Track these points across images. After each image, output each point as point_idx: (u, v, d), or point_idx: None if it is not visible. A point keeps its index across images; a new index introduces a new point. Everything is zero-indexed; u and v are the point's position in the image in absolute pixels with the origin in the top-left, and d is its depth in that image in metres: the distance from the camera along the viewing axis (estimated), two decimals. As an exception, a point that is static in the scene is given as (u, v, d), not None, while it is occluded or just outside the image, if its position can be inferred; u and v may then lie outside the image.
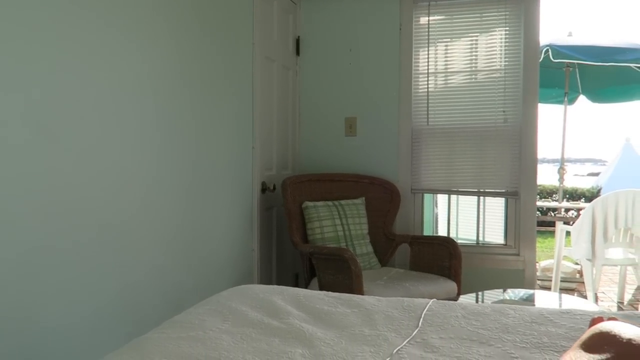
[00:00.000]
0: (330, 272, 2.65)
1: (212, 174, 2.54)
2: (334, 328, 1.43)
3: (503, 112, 3.38)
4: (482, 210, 3.83)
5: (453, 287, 2.77)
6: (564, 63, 4.79)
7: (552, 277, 4.23)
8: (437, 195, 4.01)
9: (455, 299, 2.68)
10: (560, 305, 2.72)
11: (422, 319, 1.48)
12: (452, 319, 1.48)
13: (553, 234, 5.08)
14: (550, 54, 4.29)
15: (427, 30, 3.48)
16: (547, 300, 2.87)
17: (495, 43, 3.39)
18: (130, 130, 1.92)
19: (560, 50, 4.33)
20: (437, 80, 3.51)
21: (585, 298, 3.80)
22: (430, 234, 3.76)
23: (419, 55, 3.51)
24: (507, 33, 3.36)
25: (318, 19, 3.61)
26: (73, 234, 1.65)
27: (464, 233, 4.08)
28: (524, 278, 3.35)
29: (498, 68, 3.39)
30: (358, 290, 2.45)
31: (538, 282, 4.38)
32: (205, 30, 2.45)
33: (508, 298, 2.75)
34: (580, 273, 4.54)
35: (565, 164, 5.23)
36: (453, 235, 3.97)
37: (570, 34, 4.83)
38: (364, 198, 3.26)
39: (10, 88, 1.41)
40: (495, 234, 3.72)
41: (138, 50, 1.95)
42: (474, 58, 3.44)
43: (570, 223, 4.10)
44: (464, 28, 3.46)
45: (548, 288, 4.26)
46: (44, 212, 1.53)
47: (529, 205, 3.36)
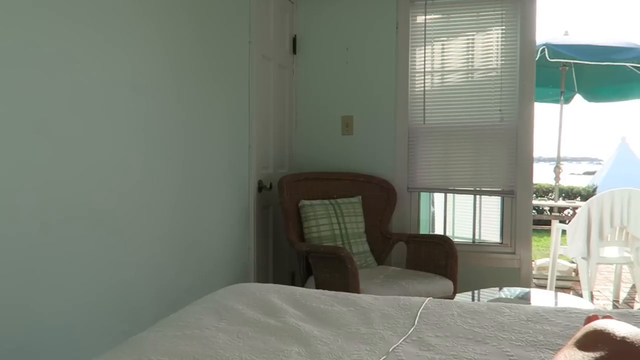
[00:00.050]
0: (327, 270, 2.65)
1: (208, 173, 2.54)
2: (331, 326, 1.43)
3: (499, 111, 3.38)
4: (478, 209, 3.84)
5: (449, 285, 2.77)
6: (560, 62, 4.79)
7: (547, 275, 4.24)
8: (433, 194, 4.02)
9: (452, 298, 2.69)
10: (556, 304, 2.73)
11: (418, 318, 1.48)
12: (448, 318, 1.48)
13: (549, 233, 5.10)
14: (547, 53, 4.29)
15: (423, 29, 3.48)
16: (542, 299, 2.88)
17: (492, 42, 3.40)
18: (126, 129, 1.91)
19: (557, 50, 4.34)
20: (433, 79, 3.51)
21: (581, 296, 3.82)
22: (427, 233, 3.77)
23: (416, 54, 3.51)
24: (503, 32, 3.37)
25: (315, 18, 3.61)
26: (68, 233, 1.64)
27: (461, 232, 4.09)
28: (520, 276, 3.36)
29: (494, 67, 3.40)
30: (354, 289, 2.45)
31: (534, 280, 4.39)
32: (202, 29, 2.45)
33: (504, 296, 2.75)
34: (576, 272, 4.56)
35: (561, 163, 5.24)
36: (449, 234, 3.98)
37: (567, 33, 4.84)
38: (361, 197, 3.26)
39: (3, 85, 1.41)
40: (492, 233, 3.73)
41: (134, 49, 1.94)
42: (471, 57, 3.45)
43: (566, 222, 4.11)
44: (461, 27, 3.46)
45: (544, 286, 4.28)
46: (40, 210, 1.53)
47: (525, 204, 3.37)
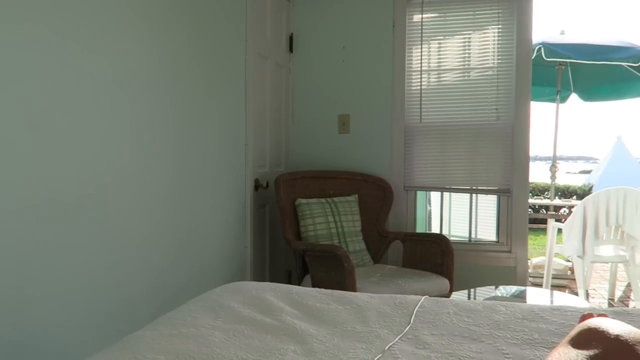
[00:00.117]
0: (323, 269, 2.65)
1: (204, 171, 2.53)
2: (327, 325, 1.43)
3: (496, 109, 3.39)
4: (474, 208, 3.85)
5: (445, 284, 2.78)
6: (557, 61, 4.80)
7: (543, 274, 4.26)
8: (430, 193, 4.03)
9: (448, 296, 2.69)
10: (551, 302, 2.74)
11: (414, 316, 1.48)
12: (443, 316, 1.49)
13: (545, 231, 5.11)
14: (543, 52, 4.31)
15: (420, 28, 3.48)
16: (538, 297, 2.89)
17: (488, 41, 3.40)
18: (121, 127, 1.91)
19: (553, 49, 4.35)
20: (430, 78, 3.52)
21: (577, 295, 3.83)
22: (423, 231, 3.78)
23: (412, 53, 3.51)
24: (499, 31, 3.37)
25: (311, 16, 3.61)
26: (65, 231, 1.64)
27: (457, 230, 4.10)
28: (516, 275, 3.37)
29: (491, 66, 3.40)
30: (351, 287, 2.45)
31: (530, 279, 4.41)
32: (198, 26, 2.44)
33: (500, 295, 2.76)
34: (572, 270, 4.58)
35: (557, 162, 5.26)
36: (446, 233, 3.99)
37: (563, 33, 4.85)
38: (357, 195, 3.26)
39: (0, 83, 1.40)
40: (488, 231, 3.74)
41: (129, 46, 1.94)
42: (467, 56, 3.45)
43: (562, 220, 4.12)
44: (457, 26, 3.47)
45: (540, 285, 4.29)
46: (36, 209, 1.53)
47: (521, 203, 3.38)
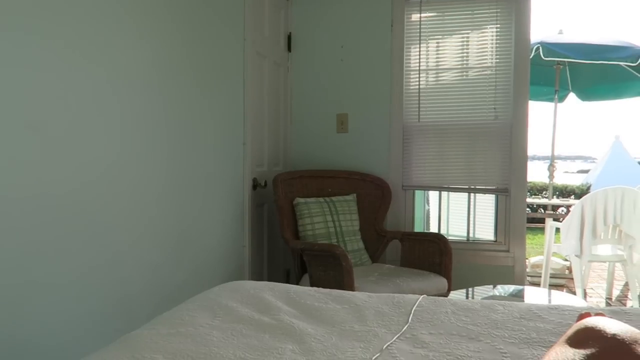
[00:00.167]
0: (321, 268, 2.65)
1: (202, 170, 2.53)
2: (325, 324, 1.43)
3: (494, 109, 3.39)
4: (472, 207, 3.85)
5: (443, 283, 2.78)
6: (555, 61, 4.81)
7: (541, 273, 4.26)
8: (428, 192, 4.03)
9: (446, 295, 2.70)
10: (549, 301, 2.75)
11: (412, 315, 1.49)
12: (441, 315, 1.49)
13: (543, 231, 5.13)
14: (541, 52, 4.31)
15: (418, 28, 3.48)
16: (536, 296, 2.89)
17: (487, 40, 3.41)
18: (119, 126, 1.91)
19: (551, 48, 4.35)
20: (428, 78, 3.52)
21: (574, 294, 3.84)
22: (421, 231, 3.78)
23: (411, 52, 3.51)
24: (498, 30, 3.38)
25: (310, 15, 3.61)
26: (61, 230, 1.64)
27: (455, 230, 4.10)
28: (514, 274, 3.37)
29: (489, 65, 3.40)
30: (349, 287, 2.45)
31: (528, 278, 4.41)
32: (196, 25, 2.44)
33: (498, 294, 2.76)
34: (570, 269, 4.58)
35: (555, 161, 5.27)
36: (444, 232, 3.99)
37: (561, 32, 4.85)
38: (355, 194, 3.26)
39: (-1, 83, 1.40)
40: (486, 231, 3.74)
41: (127, 45, 1.94)
42: (465, 55, 3.45)
43: (560, 220, 4.13)
44: (456, 25, 3.47)
45: (537, 284, 4.30)
46: (32, 208, 1.52)
47: (519, 202, 3.38)
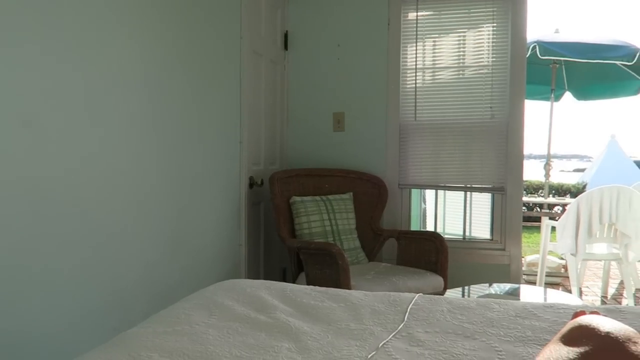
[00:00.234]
0: (318, 266, 2.65)
1: (199, 169, 2.53)
2: (321, 322, 1.43)
3: (490, 108, 3.40)
4: (468, 206, 3.86)
5: (440, 281, 2.79)
6: (551, 60, 4.82)
7: (537, 271, 4.28)
8: (424, 191, 4.04)
9: (442, 294, 2.70)
10: (545, 300, 2.76)
11: (407, 313, 1.49)
12: (437, 313, 1.49)
13: (539, 229, 5.13)
14: (538, 51, 4.32)
15: (415, 26, 3.48)
16: (532, 295, 2.90)
17: (483, 39, 3.41)
18: (115, 125, 1.90)
19: (548, 47, 4.36)
20: (424, 76, 3.52)
21: (570, 292, 3.85)
22: (418, 229, 3.78)
23: (407, 51, 3.51)
24: (494, 29, 3.38)
25: (306, 14, 3.60)
26: (58, 229, 1.63)
27: (451, 228, 4.11)
28: (510, 273, 3.38)
29: (485, 64, 3.41)
30: (345, 285, 2.46)
31: (523, 276, 4.42)
32: (192, 24, 2.43)
33: (493, 292, 2.77)
34: (565, 268, 4.60)
35: (552, 160, 5.28)
36: (440, 231, 4.00)
37: (557, 31, 4.86)
38: (352, 193, 3.26)
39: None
40: (482, 229, 3.75)
41: (122, 44, 1.93)
42: (462, 54, 3.46)
43: (556, 218, 4.14)
44: (452, 24, 3.47)
45: (533, 283, 4.31)
46: (29, 206, 1.52)
47: (515, 201, 3.39)
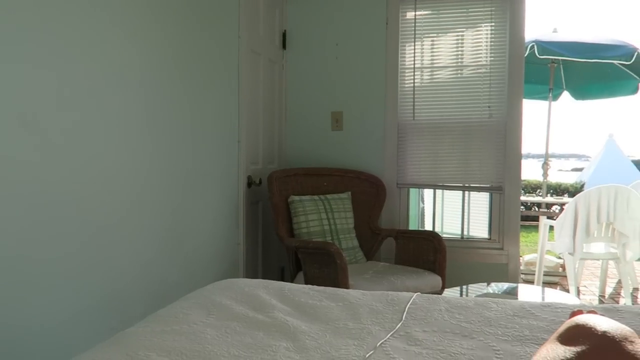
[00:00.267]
0: (316, 266, 2.65)
1: (197, 168, 2.53)
2: (319, 321, 1.43)
3: (488, 107, 3.40)
4: (466, 205, 3.86)
5: (438, 281, 2.79)
6: (549, 59, 4.82)
7: (535, 271, 4.28)
8: (423, 190, 4.04)
9: (440, 293, 2.71)
10: (543, 299, 2.76)
11: (405, 313, 1.49)
12: (435, 313, 1.49)
13: (537, 229, 5.15)
14: (536, 50, 4.32)
15: (413, 25, 3.48)
16: (529, 294, 2.91)
17: (481, 38, 3.41)
18: (114, 125, 1.90)
19: (546, 47, 4.36)
20: (423, 76, 3.52)
21: (568, 292, 3.86)
22: (416, 229, 3.79)
23: (405, 50, 3.51)
24: (492, 29, 3.38)
25: (305, 13, 3.60)
26: (57, 229, 1.63)
27: (449, 227, 4.12)
28: (508, 272, 3.39)
29: (484, 63, 3.41)
30: (343, 284, 2.46)
31: (521, 276, 4.43)
32: (191, 23, 2.43)
33: (491, 292, 2.78)
34: (563, 267, 4.61)
35: (550, 159, 5.28)
36: (438, 230, 4.00)
37: (556, 30, 4.87)
38: (350, 192, 3.26)
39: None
40: (480, 229, 3.76)
41: (121, 43, 1.93)
42: (460, 53, 3.46)
43: (554, 218, 4.14)
44: (450, 23, 3.47)
45: (531, 282, 4.32)
46: (28, 207, 1.52)
47: (513, 200, 3.39)
